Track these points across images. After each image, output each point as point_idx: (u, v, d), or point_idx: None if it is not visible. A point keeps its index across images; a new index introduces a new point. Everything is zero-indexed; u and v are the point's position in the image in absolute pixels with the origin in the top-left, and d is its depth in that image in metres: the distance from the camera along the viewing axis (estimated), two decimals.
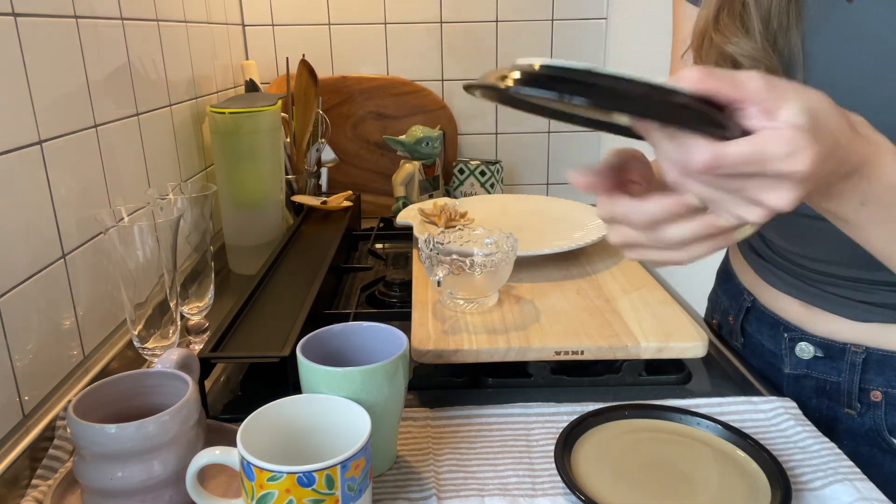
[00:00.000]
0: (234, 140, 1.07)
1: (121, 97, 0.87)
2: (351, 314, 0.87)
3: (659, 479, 0.57)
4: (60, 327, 0.72)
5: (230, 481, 0.58)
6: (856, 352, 0.68)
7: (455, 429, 0.65)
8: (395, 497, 0.56)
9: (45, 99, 0.69)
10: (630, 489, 0.55)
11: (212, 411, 0.70)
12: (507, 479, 0.58)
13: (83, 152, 0.77)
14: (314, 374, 0.56)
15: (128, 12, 0.89)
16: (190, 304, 0.82)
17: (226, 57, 1.36)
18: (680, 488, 0.56)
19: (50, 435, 0.63)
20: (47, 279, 0.69)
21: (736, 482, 0.56)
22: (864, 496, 0.55)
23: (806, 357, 0.72)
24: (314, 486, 0.46)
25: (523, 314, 0.80)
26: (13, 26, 0.65)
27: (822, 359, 0.71)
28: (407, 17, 1.51)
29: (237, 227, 1.11)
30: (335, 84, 1.49)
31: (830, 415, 0.71)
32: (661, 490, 0.55)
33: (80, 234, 0.75)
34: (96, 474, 0.52)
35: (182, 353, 0.60)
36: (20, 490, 0.58)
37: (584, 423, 0.62)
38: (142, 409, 0.56)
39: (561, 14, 1.52)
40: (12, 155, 0.64)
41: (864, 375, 0.67)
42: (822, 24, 0.59)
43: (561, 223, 1.09)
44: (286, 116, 1.23)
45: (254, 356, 0.70)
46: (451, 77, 1.55)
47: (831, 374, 0.70)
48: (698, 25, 0.63)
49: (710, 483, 0.56)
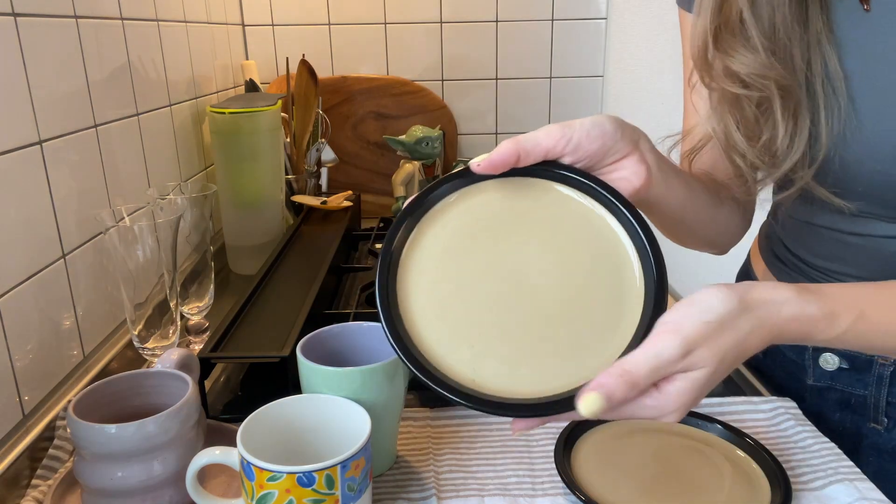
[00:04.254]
0: (234, 140, 1.07)
1: (121, 97, 0.87)
2: (351, 314, 0.87)
3: (659, 478, 0.57)
4: (60, 327, 0.72)
5: (230, 481, 0.58)
6: (884, 364, 0.65)
7: (455, 429, 0.65)
8: (395, 497, 0.56)
9: (45, 99, 0.69)
10: (630, 489, 0.55)
11: (212, 411, 0.70)
12: (507, 479, 0.58)
13: (83, 152, 0.77)
14: (314, 374, 0.56)
15: (128, 12, 0.89)
16: (190, 304, 0.82)
17: (226, 57, 1.36)
18: (680, 488, 0.56)
19: (50, 435, 0.63)
20: (47, 279, 0.69)
21: (736, 482, 0.56)
22: (864, 496, 0.55)
23: (830, 368, 0.69)
24: (314, 486, 0.46)
25: None
26: (13, 26, 0.65)
27: (848, 370, 0.67)
28: (407, 17, 1.51)
29: (237, 227, 1.11)
30: (335, 84, 1.49)
31: (854, 429, 0.68)
32: (661, 490, 0.55)
33: (80, 234, 0.75)
34: (96, 474, 0.52)
35: (182, 353, 0.60)
36: (20, 490, 0.58)
37: (585, 422, 0.62)
38: (142, 409, 0.56)
39: (561, 14, 1.52)
40: (12, 155, 0.64)
41: (891, 388, 0.65)
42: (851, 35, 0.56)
43: None
44: (286, 116, 1.23)
45: (254, 356, 0.70)
46: (451, 77, 1.55)
47: (857, 387, 0.67)
48: (697, 43, 0.59)
49: (709, 483, 0.56)
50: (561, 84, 1.57)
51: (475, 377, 0.45)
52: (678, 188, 0.58)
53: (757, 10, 0.56)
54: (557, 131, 0.49)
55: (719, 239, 0.72)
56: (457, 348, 0.46)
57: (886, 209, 0.59)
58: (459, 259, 0.49)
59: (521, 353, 0.46)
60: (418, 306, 0.47)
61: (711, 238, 0.71)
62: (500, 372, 0.46)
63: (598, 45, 1.55)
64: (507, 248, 0.49)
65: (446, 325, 0.47)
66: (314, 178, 1.29)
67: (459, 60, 1.54)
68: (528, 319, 0.47)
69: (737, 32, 0.56)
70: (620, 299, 0.48)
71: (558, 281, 0.48)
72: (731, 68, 0.56)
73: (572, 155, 0.50)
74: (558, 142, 0.49)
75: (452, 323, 0.47)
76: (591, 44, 1.54)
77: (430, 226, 0.50)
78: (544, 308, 0.47)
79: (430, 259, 0.49)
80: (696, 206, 0.63)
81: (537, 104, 1.58)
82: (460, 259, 0.49)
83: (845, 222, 0.62)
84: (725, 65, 0.57)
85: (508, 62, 1.55)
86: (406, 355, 0.45)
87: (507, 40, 1.53)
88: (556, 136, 0.49)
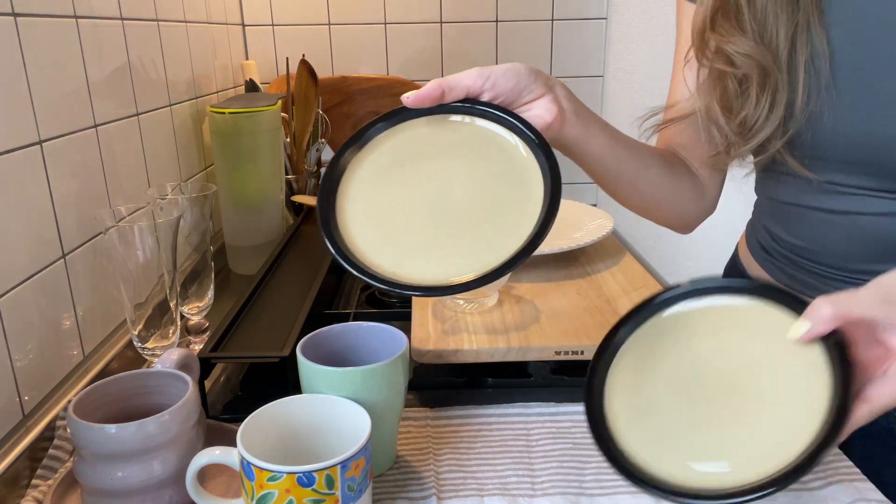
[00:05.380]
0: (234, 140, 1.07)
1: (121, 97, 0.87)
2: (351, 314, 0.87)
3: (701, 389, 0.52)
4: (60, 327, 0.72)
5: (230, 481, 0.58)
6: None
7: (455, 429, 0.65)
8: (395, 497, 0.56)
9: (45, 99, 0.69)
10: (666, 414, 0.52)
11: (212, 411, 0.70)
12: (506, 478, 0.58)
13: (83, 152, 0.77)
14: (314, 374, 0.56)
15: (128, 12, 0.89)
16: (190, 304, 0.82)
17: (226, 57, 1.36)
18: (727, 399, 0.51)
19: (50, 435, 0.63)
20: (47, 279, 0.69)
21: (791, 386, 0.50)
22: (863, 496, 0.55)
23: None
24: (314, 486, 0.46)
25: (523, 314, 0.80)
26: (13, 26, 0.65)
27: None
28: (407, 17, 1.51)
29: (237, 227, 1.11)
30: (335, 84, 1.49)
31: None
32: (705, 405, 0.51)
33: (80, 234, 0.75)
34: (96, 474, 0.52)
35: (182, 353, 0.60)
36: (20, 490, 0.58)
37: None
38: (142, 409, 0.56)
39: (561, 14, 1.52)
40: (12, 155, 0.64)
41: None
42: (844, 12, 0.59)
43: (560, 223, 1.08)
44: (286, 116, 1.23)
45: (254, 356, 0.70)
46: None
47: None
48: (696, 25, 0.64)
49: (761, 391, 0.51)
50: None
51: (395, 269, 0.54)
52: (601, 137, 0.65)
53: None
54: (476, 71, 0.58)
55: (675, 212, 0.76)
56: (383, 248, 0.55)
57: (860, 183, 0.62)
58: (391, 181, 0.58)
59: (434, 249, 0.55)
60: (354, 218, 0.56)
61: (667, 210, 0.76)
62: (417, 265, 0.54)
63: (598, 45, 1.55)
64: (432, 170, 0.58)
65: (378, 231, 0.56)
66: (314, 178, 1.29)
67: (459, 60, 1.54)
68: (445, 224, 0.56)
69: (731, 16, 0.61)
70: (524, 207, 0.56)
71: (472, 195, 0.57)
72: (725, 49, 0.61)
73: (490, 91, 0.58)
74: (476, 80, 0.57)
75: (382, 230, 0.56)
76: (591, 44, 1.54)
77: (368, 154, 0.59)
78: (459, 215, 0.56)
79: (366, 181, 0.58)
80: (648, 176, 0.70)
81: None
82: (392, 181, 0.58)
83: (825, 199, 0.65)
84: (718, 45, 0.62)
85: (508, 62, 1.55)
86: (338, 252, 0.54)
87: (507, 40, 1.53)
88: (475, 76, 0.57)
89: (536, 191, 0.56)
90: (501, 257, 0.53)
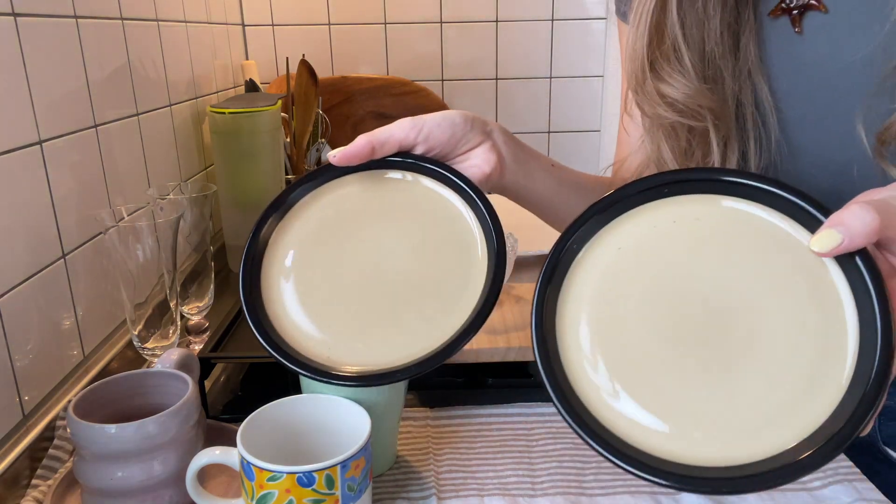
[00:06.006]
0: (234, 140, 1.07)
1: (121, 97, 0.87)
2: None
3: (686, 324, 0.42)
4: (60, 327, 0.72)
5: (230, 481, 0.58)
6: None
7: (455, 429, 0.65)
8: (394, 497, 0.56)
9: (45, 99, 0.69)
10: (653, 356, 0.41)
11: (212, 411, 0.70)
12: (506, 478, 0.58)
13: (83, 152, 0.77)
14: None
15: (128, 12, 0.89)
16: (190, 304, 0.82)
17: (226, 57, 1.36)
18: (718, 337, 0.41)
19: (50, 435, 0.63)
20: (47, 279, 0.69)
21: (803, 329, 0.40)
22: (863, 496, 0.55)
23: None
24: (314, 486, 0.46)
25: (523, 314, 0.80)
26: (13, 26, 0.65)
27: None
28: (407, 17, 1.51)
29: (237, 227, 1.11)
30: (335, 84, 1.49)
31: None
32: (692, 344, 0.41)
33: (80, 234, 0.75)
34: (96, 474, 0.52)
35: (182, 353, 0.60)
36: (20, 490, 0.58)
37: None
38: (142, 409, 0.56)
39: (561, 14, 1.53)
40: (12, 155, 0.64)
41: None
42: (782, 61, 0.57)
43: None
44: (286, 116, 1.23)
45: (254, 356, 0.70)
46: (451, 77, 1.55)
47: None
48: (633, 67, 0.59)
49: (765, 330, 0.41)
50: (561, 84, 1.57)
51: (330, 354, 0.50)
52: (543, 178, 0.62)
53: (689, 38, 0.57)
54: (409, 123, 0.54)
55: None
56: (316, 330, 0.51)
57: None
58: (320, 250, 0.53)
59: (372, 329, 0.50)
60: (282, 296, 0.52)
61: None
62: (354, 349, 0.50)
63: (598, 45, 1.55)
64: (365, 236, 0.53)
65: (310, 311, 0.51)
66: None
67: (459, 60, 1.54)
68: (381, 300, 0.51)
69: (671, 59, 0.58)
70: (466, 276, 0.51)
71: (409, 264, 0.52)
72: (666, 93, 0.57)
73: (424, 144, 0.54)
74: (409, 133, 0.53)
75: (314, 309, 0.51)
76: (591, 44, 1.54)
77: (294, 220, 0.54)
78: (396, 289, 0.51)
79: (291, 251, 0.53)
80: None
81: (537, 104, 1.58)
82: (321, 250, 0.53)
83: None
84: (660, 90, 0.58)
85: (508, 62, 1.55)
86: (265, 339, 0.50)
87: (507, 40, 1.53)
88: (407, 128, 0.53)
89: (479, 254, 0.52)
90: (447, 334, 0.49)
